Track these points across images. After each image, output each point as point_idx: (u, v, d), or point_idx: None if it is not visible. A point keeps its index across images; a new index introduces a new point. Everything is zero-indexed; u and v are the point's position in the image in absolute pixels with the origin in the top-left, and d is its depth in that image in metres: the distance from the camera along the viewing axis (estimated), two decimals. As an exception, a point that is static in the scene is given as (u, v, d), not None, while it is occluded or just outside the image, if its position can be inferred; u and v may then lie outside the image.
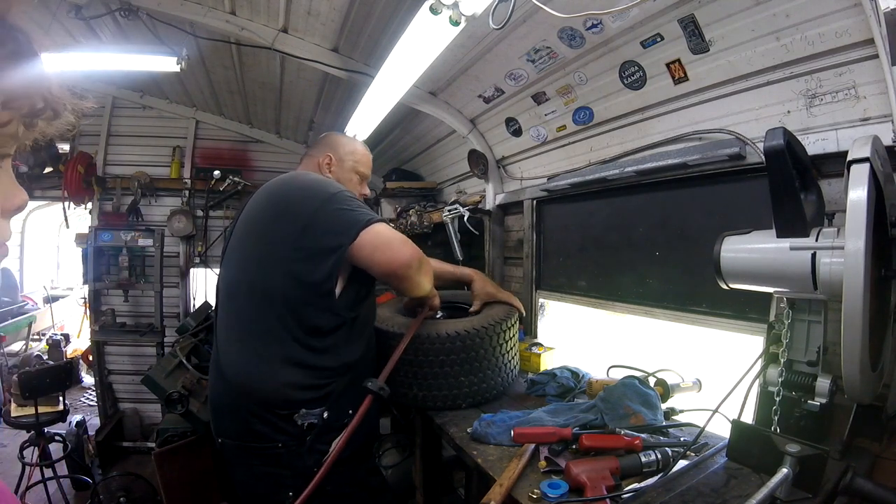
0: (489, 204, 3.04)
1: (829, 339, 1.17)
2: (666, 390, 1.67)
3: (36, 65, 0.46)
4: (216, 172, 4.51)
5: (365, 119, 2.82)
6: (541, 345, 2.38)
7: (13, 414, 3.29)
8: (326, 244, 1.38)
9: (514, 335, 1.90)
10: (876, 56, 1.19)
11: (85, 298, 4.70)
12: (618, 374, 1.80)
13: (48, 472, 3.16)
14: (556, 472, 1.27)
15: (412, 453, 2.46)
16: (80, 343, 6.11)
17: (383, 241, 1.40)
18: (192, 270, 4.79)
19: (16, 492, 3.02)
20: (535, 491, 1.17)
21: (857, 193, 0.92)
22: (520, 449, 1.38)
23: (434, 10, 1.48)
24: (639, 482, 1.18)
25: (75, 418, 3.88)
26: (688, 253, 1.86)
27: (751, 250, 1.20)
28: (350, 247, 1.37)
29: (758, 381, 1.22)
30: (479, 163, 2.98)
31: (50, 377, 3.21)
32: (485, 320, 1.80)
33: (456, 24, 1.53)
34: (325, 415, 1.42)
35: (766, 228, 1.17)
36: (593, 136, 2.24)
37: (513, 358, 1.90)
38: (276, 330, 1.41)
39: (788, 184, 1.06)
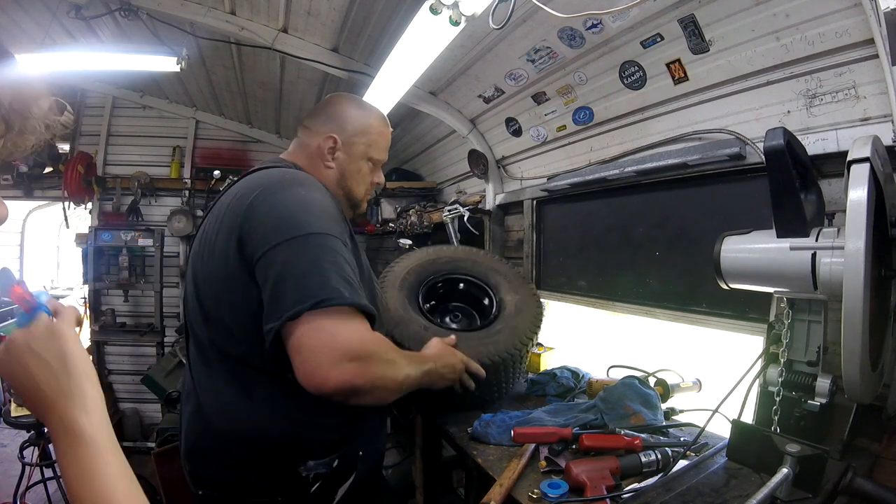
0: (489, 204, 3.04)
1: (829, 339, 1.17)
2: (666, 390, 1.67)
3: None
4: (216, 172, 4.50)
5: (365, 119, 2.82)
6: (541, 345, 2.38)
7: (13, 414, 3.28)
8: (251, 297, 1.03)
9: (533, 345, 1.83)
10: (876, 56, 1.19)
11: (85, 298, 4.69)
12: (618, 374, 1.80)
13: (48, 472, 3.16)
14: (556, 472, 1.27)
15: (412, 453, 2.46)
16: (79, 343, 6.10)
17: (328, 344, 0.94)
18: (192, 270, 4.79)
19: (16, 492, 3.02)
20: (535, 491, 1.17)
21: (857, 193, 0.92)
22: (520, 449, 1.38)
23: (434, 10, 1.48)
24: (639, 482, 1.19)
25: (75, 418, 3.88)
26: (688, 253, 1.86)
27: (751, 250, 1.20)
28: (280, 329, 0.97)
29: (758, 381, 1.22)
30: (479, 163, 2.98)
31: (50, 377, 3.20)
32: (512, 340, 1.62)
33: (456, 24, 1.52)
34: (336, 463, 1.15)
35: (766, 228, 1.17)
36: (593, 136, 2.24)
37: (527, 363, 1.90)
38: (270, 368, 1.06)
39: (788, 184, 1.06)
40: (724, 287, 1.26)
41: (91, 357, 4.62)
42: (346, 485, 1.19)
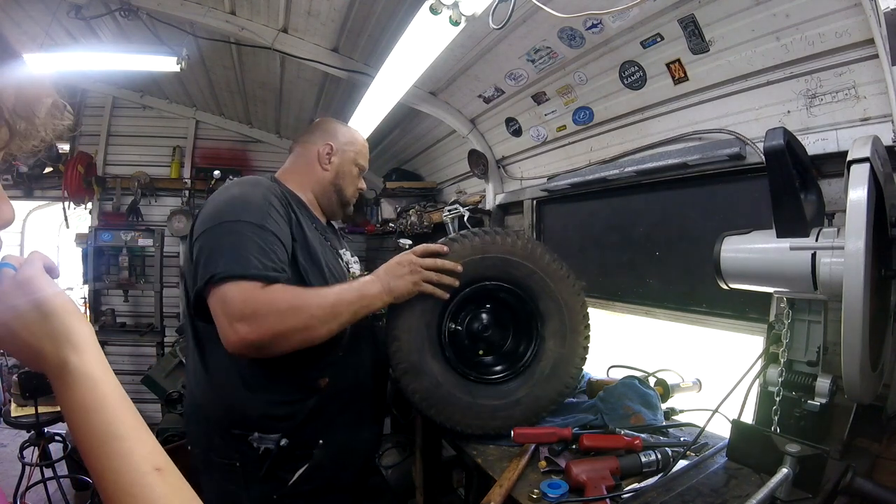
0: (489, 204, 3.04)
1: (829, 339, 1.17)
2: (666, 390, 1.67)
3: None
4: (216, 172, 4.50)
5: (365, 119, 2.82)
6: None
7: (13, 414, 3.29)
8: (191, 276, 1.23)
9: None
10: (876, 56, 1.19)
11: (85, 298, 4.69)
12: (618, 374, 1.80)
13: (48, 472, 3.16)
14: (556, 472, 1.27)
15: (412, 453, 2.46)
16: (80, 343, 6.09)
17: (220, 312, 1.14)
18: (192, 270, 4.80)
19: (16, 492, 3.02)
20: (536, 491, 1.17)
21: (857, 193, 0.92)
22: (520, 449, 1.38)
23: (434, 10, 1.48)
24: (639, 482, 1.19)
25: (75, 418, 3.87)
26: (688, 253, 1.86)
27: (751, 250, 1.20)
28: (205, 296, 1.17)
29: (758, 381, 1.22)
30: (479, 163, 2.98)
31: (50, 377, 3.20)
32: (529, 418, 1.45)
33: (456, 24, 1.52)
34: (283, 442, 1.25)
35: (766, 228, 1.17)
36: (593, 136, 2.24)
37: None
38: (214, 340, 1.21)
39: (788, 184, 1.06)
40: (724, 287, 1.26)
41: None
42: (301, 469, 1.27)
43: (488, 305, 1.51)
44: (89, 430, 0.51)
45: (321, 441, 1.30)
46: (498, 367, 1.50)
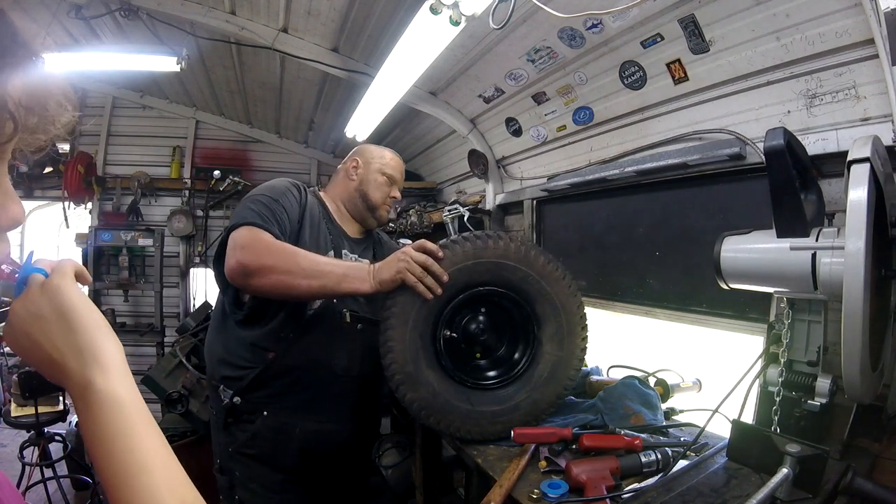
0: (489, 204, 3.04)
1: (829, 339, 1.17)
2: (666, 390, 1.67)
3: None
4: (216, 172, 4.49)
5: (365, 119, 2.82)
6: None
7: (13, 414, 3.28)
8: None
9: None
10: (876, 56, 1.20)
11: (85, 298, 4.68)
12: (618, 374, 1.80)
13: (48, 472, 3.16)
14: (556, 472, 1.26)
15: (412, 453, 2.46)
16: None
17: (230, 246, 1.38)
18: (192, 270, 4.78)
19: (16, 492, 3.02)
20: (536, 491, 1.17)
21: (857, 193, 0.92)
22: (520, 449, 1.38)
23: (434, 10, 1.48)
24: (639, 482, 1.19)
25: (75, 418, 3.86)
26: (688, 253, 1.86)
27: (751, 250, 1.20)
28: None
29: (758, 381, 1.22)
30: (479, 163, 2.98)
31: (50, 377, 3.20)
32: (528, 421, 1.44)
33: (456, 24, 1.53)
34: (236, 399, 1.49)
35: (766, 228, 1.17)
36: (593, 136, 2.24)
37: None
38: (218, 306, 1.62)
39: (788, 184, 1.06)
40: (724, 287, 1.26)
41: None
42: (247, 432, 1.48)
43: (483, 310, 1.48)
44: (112, 457, 0.47)
45: (265, 413, 1.48)
46: (495, 373, 1.49)
